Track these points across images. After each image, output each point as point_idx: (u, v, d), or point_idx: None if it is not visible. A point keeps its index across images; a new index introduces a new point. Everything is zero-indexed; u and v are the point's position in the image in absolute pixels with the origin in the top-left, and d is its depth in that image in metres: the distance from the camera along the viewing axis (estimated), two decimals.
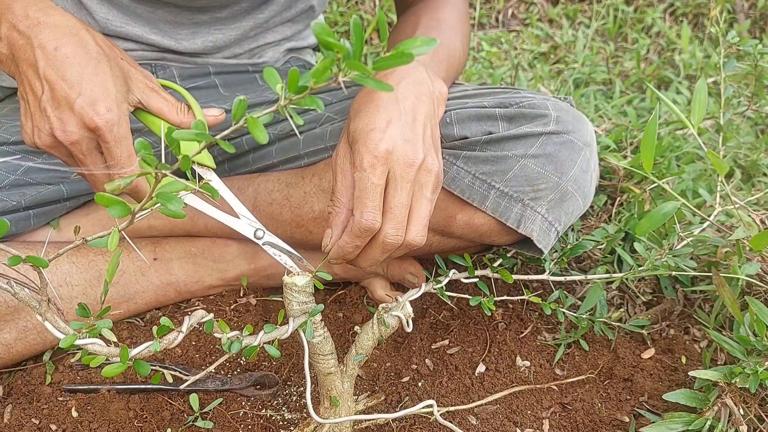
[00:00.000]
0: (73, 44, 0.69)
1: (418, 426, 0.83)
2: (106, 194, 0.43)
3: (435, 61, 0.84)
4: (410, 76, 0.74)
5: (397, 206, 0.66)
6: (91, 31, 0.73)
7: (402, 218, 0.67)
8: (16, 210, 0.88)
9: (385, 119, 0.68)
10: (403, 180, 0.66)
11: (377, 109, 0.69)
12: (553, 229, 0.83)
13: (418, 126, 0.70)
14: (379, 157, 0.65)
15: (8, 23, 0.70)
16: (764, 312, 0.79)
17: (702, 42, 1.93)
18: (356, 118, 0.70)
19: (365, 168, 0.65)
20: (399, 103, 0.70)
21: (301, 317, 0.69)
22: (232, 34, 1.00)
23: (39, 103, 0.69)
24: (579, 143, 0.82)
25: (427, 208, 0.69)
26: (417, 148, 0.67)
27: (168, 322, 0.58)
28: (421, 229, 0.68)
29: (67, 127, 0.68)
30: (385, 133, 0.66)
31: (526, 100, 0.83)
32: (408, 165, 0.66)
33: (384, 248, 0.68)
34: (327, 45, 0.36)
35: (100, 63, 0.70)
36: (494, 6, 2.09)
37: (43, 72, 0.68)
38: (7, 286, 0.51)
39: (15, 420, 0.83)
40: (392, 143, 0.66)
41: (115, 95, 0.70)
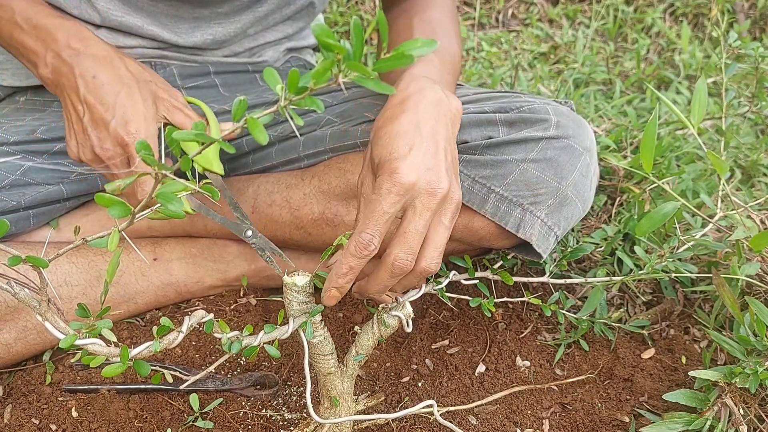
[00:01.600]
0: (108, 72, 0.81)
1: (418, 426, 0.83)
2: (106, 194, 0.43)
3: (444, 73, 0.83)
4: (427, 97, 0.72)
5: (411, 232, 0.65)
6: (124, 58, 0.85)
7: (414, 244, 0.65)
8: (16, 210, 0.88)
9: (407, 146, 0.66)
10: (424, 209, 0.65)
11: (398, 136, 0.67)
12: (552, 233, 0.83)
13: (440, 152, 0.68)
14: (398, 186, 0.64)
15: (53, 52, 0.82)
16: (764, 312, 0.79)
17: (702, 42, 1.93)
18: (377, 144, 0.68)
19: (382, 193, 0.64)
20: (420, 129, 0.68)
21: (301, 317, 0.69)
22: (232, 28, 1.00)
23: (81, 124, 0.81)
24: (579, 148, 0.82)
25: (444, 236, 0.67)
26: (441, 177, 0.66)
27: (168, 322, 0.59)
28: (436, 256, 0.67)
29: (104, 144, 0.80)
30: (408, 161, 0.65)
31: (527, 105, 0.83)
32: (431, 195, 0.65)
33: (393, 272, 0.66)
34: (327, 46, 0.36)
35: (131, 88, 0.81)
36: (494, 6, 2.09)
37: (83, 96, 0.80)
38: (7, 286, 0.51)
39: (15, 420, 0.83)
40: (416, 174, 0.65)
41: (144, 115, 0.80)
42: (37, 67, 0.84)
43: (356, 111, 0.95)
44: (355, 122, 0.93)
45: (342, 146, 0.92)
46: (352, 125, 0.93)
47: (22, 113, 0.98)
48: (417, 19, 0.93)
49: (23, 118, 0.96)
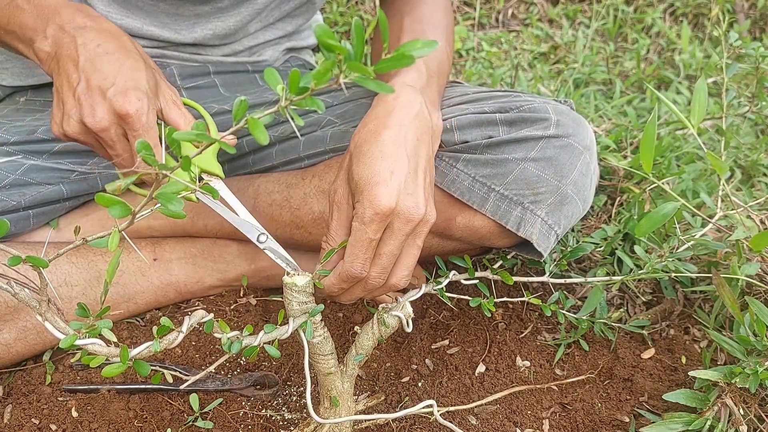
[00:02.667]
0: (114, 43, 0.75)
1: (418, 426, 0.83)
2: (106, 194, 0.43)
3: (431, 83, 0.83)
4: (411, 112, 0.74)
5: (386, 254, 0.69)
6: (133, 40, 0.80)
7: (388, 265, 0.70)
8: (16, 210, 0.88)
9: (389, 169, 0.68)
10: (400, 233, 0.68)
11: (381, 157, 0.69)
12: (552, 232, 0.83)
13: (419, 175, 0.70)
14: (380, 213, 0.66)
15: (56, 24, 0.75)
16: (764, 312, 0.79)
17: (702, 42, 1.93)
18: (359, 162, 0.69)
19: (365, 222, 0.67)
20: (403, 147, 0.70)
21: (301, 317, 0.69)
22: (231, 21, 0.99)
23: (73, 93, 0.72)
24: (579, 147, 0.82)
25: (415, 256, 0.72)
26: (419, 203, 0.68)
27: (168, 322, 0.58)
28: (406, 275, 0.71)
29: (97, 113, 0.71)
30: (389, 187, 0.67)
31: (527, 104, 0.83)
32: (408, 221, 0.68)
33: (365, 288, 0.71)
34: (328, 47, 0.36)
35: (138, 61, 0.75)
36: (494, 6, 2.09)
37: (82, 65, 0.73)
38: (7, 286, 0.51)
39: (15, 420, 0.83)
40: (395, 199, 0.67)
41: (147, 90, 0.74)
42: (34, 42, 0.77)
43: (357, 112, 0.95)
44: (355, 123, 0.93)
45: (342, 147, 0.92)
46: (353, 126, 0.93)
47: (23, 114, 0.98)
48: (408, 18, 0.93)
49: (23, 118, 0.96)
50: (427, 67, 0.83)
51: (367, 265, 0.68)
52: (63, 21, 0.76)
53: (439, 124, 0.80)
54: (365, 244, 0.67)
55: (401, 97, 0.75)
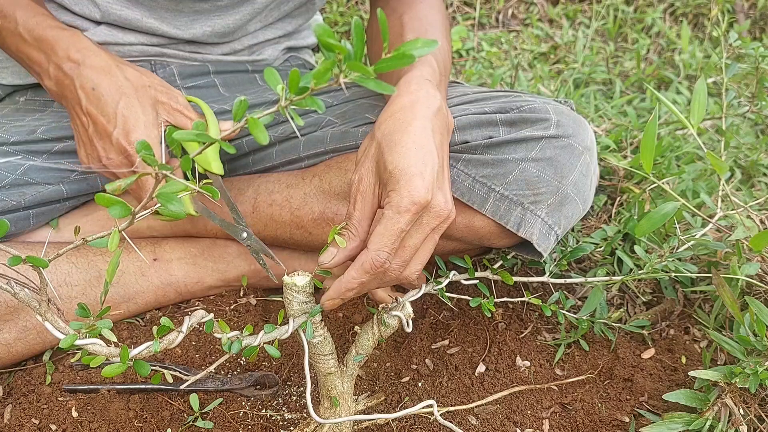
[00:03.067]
0: (106, 82, 0.83)
1: (418, 426, 0.83)
2: (106, 194, 0.43)
3: (442, 79, 0.84)
4: (434, 106, 0.74)
5: (409, 247, 0.68)
6: (123, 66, 0.86)
7: (409, 258, 0.69)
8: (16, 210, 0.88)
9: (423, 162, 0.68)
10: (427, 227, 0.68)
11: (415, 147, 0.69)
12: (552, 232, 0.83)
13: (445, 170, 0.71)
14: (418, 204, 0.66)
15: (54, 65, 0.84)
16: (764, 312, 0.79)
17: (702, 42, 1.93)
18: (393, 151, 0.69)
19: (401, 212, 0.65)
20: (432, 141, 0.70)
21: (301, 317, 0.69)
22: (231, 20, 1.00)
23: (87, 134, 0.84)
24: (579, 147, 0.83)
25: (431, 251, 0.72)
26: (448, 199, 0.69)
27: (168, 322, 0.59)
28: (419, 268, 0.71)
29: (109, 154, 0.83)
30: (425, 179, 0.67)
31: (527, 104, 0.83)
32: (437, 215, 0.68)
33: (382, 279, 0.69)
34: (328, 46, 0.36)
35: (130, 97, 0.83)
36: (494, 6, 2.09)
37: (86, 108, 0.83)
38: (7, 286, 0.51)
39: (15, 420, 0.83)
40: (432, 193, 0.67)
41: (144, 122, 0.83)
42: (42, 79, 0.87)
43: (357, 112, 0.95)
44: (355, 123, 0.93)
45: (343, 147, 0.92)
46: (353, 126, 0.93)
47: (23, 113, 0.98)
48: (407, 17, 0.93)
49: (23, 118, 0.96)
50: (437, 63, 0.84)
51: (392, 255, 0.67)
52: (60, 60, 0.84)
53: (452, 121, 0.81)
54: (396, 234, 0.66)
55: (422, 90, 0.75)
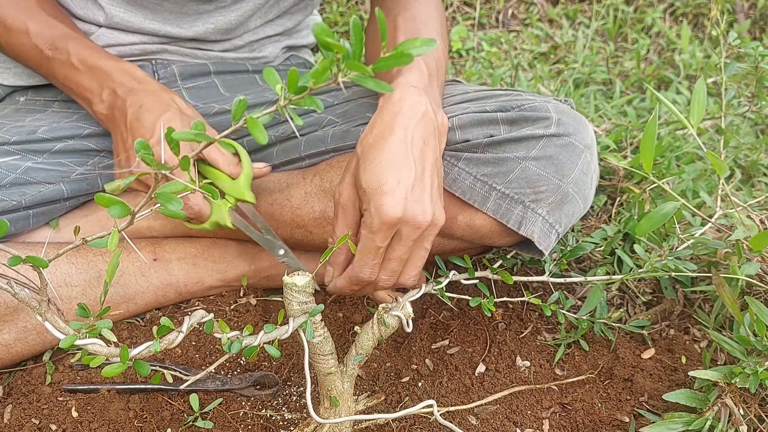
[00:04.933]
0: (153, 100, 0.86)
1: (418, 426, 0.83)
2: (105, 194, 0.43)
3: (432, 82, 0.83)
4: (417, 114, 0.75)
5: (395, 259, 0.72)
6: (173, 94, 0.90)
7: (397, 269, 0.73)
8: (16, 209, 0.88)
9: (396, 178, 0.70)
10: (408, 239, 0.71)
11: (388, 164, 0.70)
12: (553, 230, 0.83)
13: (426, 179, 0.72)
14: (387, 223, 0.69)
15: (109, 89, 0.87)
16: (764, 312, 0.79)
17: (702, 42, 1.93)
18: (366, 169, 0.71)
19: (374, 231, 0.69)
20: (410, 153, 0.72)
21: (301, 317, 0.69)
22: (233, 16, 1.00)
23: (125, 148, 0.86)
24: (580, 146, 0.83)
25: (423, 258, 0.74)
26: (426, 210, 0.70)
27: (168, 322, 0.58)
28: (414, 275, 0.74)
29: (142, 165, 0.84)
30: (395, 196, 0.69)
31: (528, 103, 0.83)
32: (416, 227, 0.70)
33: (375, 288, 0.76)
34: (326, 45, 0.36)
35: (174, 113, 0.85)
36: (494, 6, 2.09)
37: (129, 123, 0.85)
38: (7, 286, 0.51)
39: (15, 420, 0.83)
40: (403, 208, 0.69)
41: None
42: (92, 104, 0.89)
43: (357, 111, 0.95)
44: (356, 122, 0.93)
45: (343, 146, 0.92)
46: (354, 125, 0.93)
47: (23, 114, 0.98)
48: (401, 18, 0.93)
49: (24, 118, 0.96)
50: (426, 66, 0.83)
51: (375, 269, 0.71)
52: (115, 85, 0.87)
53: (445, 122, 0.81)
54: (373, 252, 0.70)
55: (406, 98, 0.76)
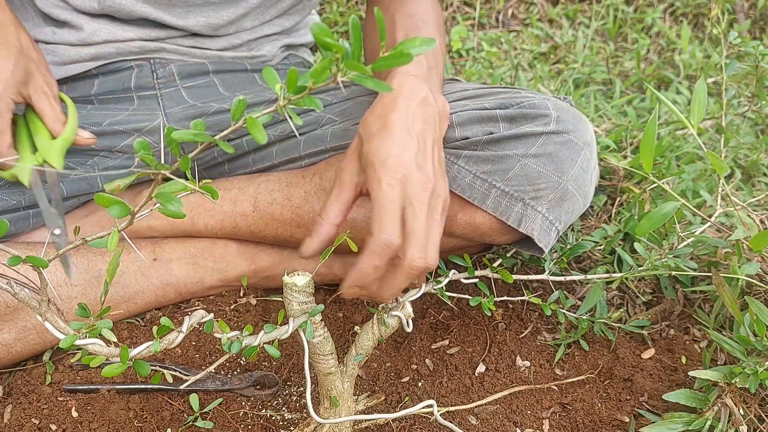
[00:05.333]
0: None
1: (418, 426, 0.83)
2: (105, 194, 0.43)
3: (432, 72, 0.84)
4: (417, 97, 0.75)
5: (419, 229, 0.66)
6: (21, 31, 0.87)
7: (423, 241, 0.66)
8: (16, 209, 0.88)
9: (399, 146, 0.69)
10: (420, 203, 0.67)
11: (391, 136, 0.70)
12: (553, 228, 0.83)
13: (428, 152, 0.72)
14: (397, 178, 0.67)
15: None
16: (764, 312, 0.79)
17: (702, 42, 1.93)
18: (370, 141, 0.71)
19: (383, 187, 0.66)
20: (410, 129, 0.71)
21: (301, 317, 0.69)
22: (225, 14, 1.00)
23: None
24: (579, 143, 0.83)
25: (438, 232, 0.70)
26: (429, 174, 0.69)
27: (168, 322, 0.59)
28: (435, 252, 0.68)
29: None
30: (401, 159, 0.68)
31: (527, 100, 0.83)
32: (423, 189, 0.68)
33: (410, 274, 0.66)
34: (325, 45, 0.36)
35: (10, 52, 0.84)
36: (494, 6, 2.09)
37: None
38: (7, 286, 0.51)
39: (15, 420, 0.83)
40: (408, 169, 0.68)
41: (7, 80, 0.83)
42: None
43: (357, 109, 0.95)
44: (355, 121, 0.93)
45: (343, 145, 0.92)
46: (353, 124, 0.93)
47: None
48: (398, 15, 0.93)
49: None
50: (425, 58, 0.84)
51: (397, 231, 0.65)
52: None
53: (446, 108, 0.81)
54: (391, 208, 0.65)
55: (406, 84, 0.76)
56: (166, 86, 1.01)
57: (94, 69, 1.00)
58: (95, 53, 0.98)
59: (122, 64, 1.00)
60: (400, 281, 0.67)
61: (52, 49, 0.98)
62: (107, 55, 0.99)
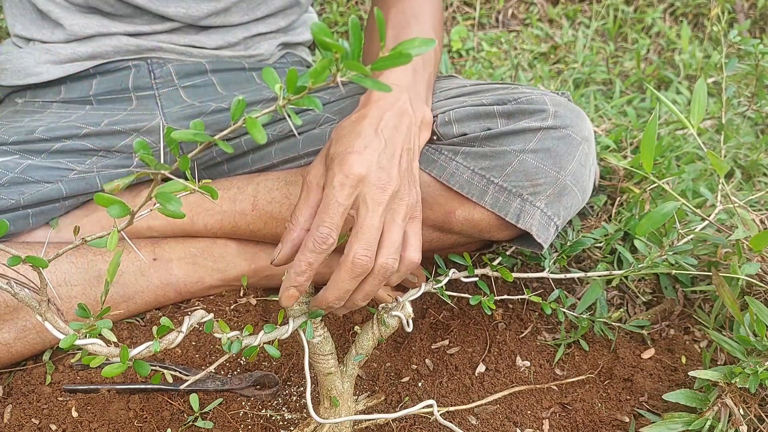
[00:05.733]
0: None
1: (418, 426, 0.83)
2: (105, 194, 0.43)
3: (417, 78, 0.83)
4: (393, 107, 0.75)
5: (367, 227, 0.66)
6: None
7: (372, 239, 0.66)
8: (15, 209, 0.88)
9: (363, 144, 0.69)
10: (374, 203, 0.66)
11: (358, 136, 0.70)
12: (552, 223, 0.83)
13: (395, 156, 0.71)
14: (351, 177, 0.66)
15: None
16: (764, 312, 0.79)
17: (702, 42, 1.93)
18: (337, 142, 0.71)
19: (334, 186, 0.66)
20: (379, 133, 0.71)
21: (301, 317, 0.69)
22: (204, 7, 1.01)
23: None
24: (577, 138, 0.83)
25: (398, 234, 0.68)
26: (391, 176, 0.68)
27: (168, 322, 0.59)
28: (393, 253, 0.67)
29: None
30: (362, 156, 0.67)
31: (524, 96, 0.83)
32: (380, 189, 0.67)
33: (353, 271, 0.65)
34: (325, 45, 0.36)
35: None
36: (494, 6, 2.09)
37: None
38: (7, 286, 0.51)
39: (15, 420, 0.83)
40: (367, 167, 0.67)
41: None
42: None
43: (354, 108, 0.95)
44: None
45: None
46: None
47: (21, 115, 0.98)
48: (393, 10, 0.93)
49: (22, 119, 0.96)
50: (413, 63, 0.83)
51: (334, 231, 0.64)
52: None
53: (427, 116, 0.80)
54: (333, 208, 0.65)
55: (385, 95, 0.76)
56: (164, 86, 1.01)
57: (92, 69, 1.00)
58: (92, 52, 0.98)
59: (120, 64, 1.00)
60: (343, 280, 0.66)
61: (49, 47, 0.98)
62: (104, 54, 0.99)
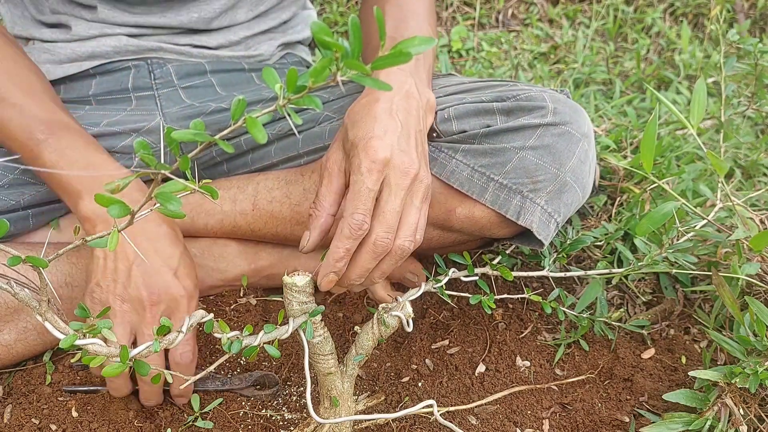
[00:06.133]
0: None
1: (418, 426, 0.83)
2: (105, 194, 0.43)
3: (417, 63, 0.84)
4: (401, 90, 0.76)
5: (389, 211, 0.68)
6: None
7: (393, 222, 0.68)
8: (15, 209, 0.88)
9: (383, 129, 0.70)
10: (398, 187, 0.69)
11: (375, 120, 0.71)
12: (552, 220, 0.83)
13: (411, 139, 0.72)
14: (377, 162, 0.68)
15: None
16: (764, 312, 0.79)
17: (702, 42, 1.93)
18: (354, 127, 0.72)
19: (362, 172, 0.67)
20: (394, 117, 0.72)
21: (301, 317, 0.69)
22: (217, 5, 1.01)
23: None
24: (577, 134, 0.83)
25: (415, 216, 0.71)
26: (412, 159, 0.70)
27: (168, 322, 0.59)
28: (410, 235, 0.70)
29: None
30: (384, 141, 0.69)
31: (524, 93, 0.83)
32: (404, 173, 0.69)
33: (375, 251, 0.68)
34: (325, 44, 0.36)
35: None
36: (494, 6, 2.09)
37: None
38: (7, 286, 0.51)
39: (15, 420, 0.83)
40: (390, 152, 0.69)
41: None
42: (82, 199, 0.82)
43: None
44: None
45: None
46: None
47: None
48: (388, 5, 0.94)
49: None
50: None
51: (367, 216, 0.67)
52: None
53: (431, 100, 0.81)
54: (364, 194, 0.67)
55: (391, 78, 0.77)
56: (164, 86, 1.01)
57: (92, 69, 1.00)
58: (91, 52, 0.98)
59: (119, 64, 1.00)
60: (365, 259, 0.69)
61: (49, 47, 0.98)
62: (104, 54, 0.99)
